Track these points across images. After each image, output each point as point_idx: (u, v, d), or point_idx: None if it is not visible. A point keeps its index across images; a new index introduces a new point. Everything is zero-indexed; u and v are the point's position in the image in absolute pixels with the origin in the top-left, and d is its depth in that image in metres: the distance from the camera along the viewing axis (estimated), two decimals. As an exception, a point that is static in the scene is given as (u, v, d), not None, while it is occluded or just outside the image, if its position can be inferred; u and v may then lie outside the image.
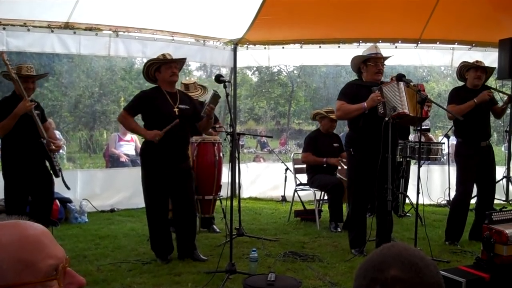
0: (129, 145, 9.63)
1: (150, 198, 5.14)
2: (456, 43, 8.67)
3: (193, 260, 5.08)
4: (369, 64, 5.34)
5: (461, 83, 6.00)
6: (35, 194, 5.25)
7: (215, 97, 4.94)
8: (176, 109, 4.96)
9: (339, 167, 6.92)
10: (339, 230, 6.50)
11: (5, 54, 5.10)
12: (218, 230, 6.49)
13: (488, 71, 5.88)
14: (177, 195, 5.18)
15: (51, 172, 5.32)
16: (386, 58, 5.44)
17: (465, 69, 5.89)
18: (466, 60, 6.05)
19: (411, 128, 7.30)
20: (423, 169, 7.34)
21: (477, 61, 5.88)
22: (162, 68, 5.02)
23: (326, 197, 7.27)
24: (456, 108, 5.61)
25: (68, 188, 5.49)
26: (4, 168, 5.23)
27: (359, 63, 5.44)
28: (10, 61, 5.03)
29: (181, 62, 5.22)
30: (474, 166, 5.72)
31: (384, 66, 5.45)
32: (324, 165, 6.90)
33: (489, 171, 5.83)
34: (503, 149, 13.93)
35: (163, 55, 5.11)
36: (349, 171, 5.58)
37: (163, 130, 4.84)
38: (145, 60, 5.50)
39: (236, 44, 8.96)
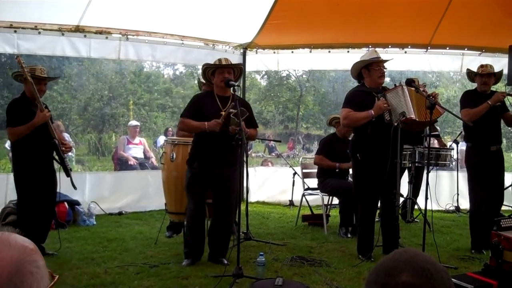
0: (138, 148, 9.68)
1: (189, 198, 5.21)
2: (466, 49, 8.61)
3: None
4: (372, 69, 5.35)
5: (469, 87, 5.98)
6: (40, 194, 5.24)
7: (233, 120, 4.87)
8: (222, 113, 5.01)
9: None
10: (349, 235, 6.47)
11: (20, 58, 5.13)
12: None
13: (496, 75, 5.87)
14: (215, 201, 5.25)
15: (63, 171, 5.32)
16: (386, 61, 5.46)
17: (473, 74, 5.89)
18: (476, 66, 6.02)
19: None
20: (432, 175, 7.32)
21: (481, 66, 5.84)
22: (216, 73, 5.17)
23: (334, 202, 7.26)
24: (471, 112, 5.58)
25: (75, 187, 5.48)
26: (16, 170, 5.23)
27: (360, 68, 5.44)
28: (25, 64, 5.07)
29: (238, 68, 5.30)
30: (484, 173, 5.68)
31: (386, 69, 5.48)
32: (337, 170, 6.89)
33: (497, 177, 5.78)
34: (512, 155, 13.88)
35: (219, 60, 5.21)
36: (355, 177, 5.57)
37: (221, 118, 4.94)
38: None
39: (245, 48, 8.95)
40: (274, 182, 9.40)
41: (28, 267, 1.12)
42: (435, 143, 7.88)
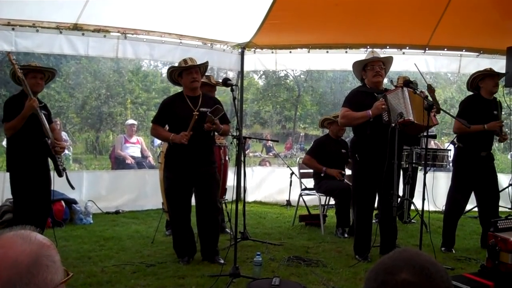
0: (135, 147, 9.67)
1: (170, 199, 5.23)
2: (463, 50, 8.64)
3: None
4: (367, 69, 5.40)
5: (466, 89, 5.97)
6: (34, 193, 5.21)
7: (209, 117, 4.96)
8: (195, 113, 5.00)
9: (339, 179, 6.89)
10: (345, 236, 6.48)
11: (11, 55, 5.11)
12: (229, 231, 6.49)
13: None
14: (198, 199, 5.26)
15: (55, 171, 5.30)
16: (384, 59, 5.46)
17: (479, 79, 5.83)
18: (474, 67, 6.02)
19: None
20: (429, 175, 7.33)
21: (490, 69, 5.87)
22: (183, 74, 5.15)
23: (331, 202, 7.26)
24: (466, 129, 5.50)
25: (72, 187, 5.47)
26: (10, 168, 5.21)
27: (360, 70, 5.49)
28: (17, 61, 5.05)
29: (204, 66, 5.28)
30: (470, 176, 5.73)
31: (384, 68, 5.42)
32: (322, 174, 6.89)
33: (491, 180, 5.80)
34: (509, 157, 13.88)
35: (185, 60, 5.18)
36: (354, 177, 5.59)
37: (187, 130, 4.94)
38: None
39: (243, 48, 8.96)
40: (272, 182, 9.40)
41: (45, 261, 1.27)
42: (431, 144, 7.88)
